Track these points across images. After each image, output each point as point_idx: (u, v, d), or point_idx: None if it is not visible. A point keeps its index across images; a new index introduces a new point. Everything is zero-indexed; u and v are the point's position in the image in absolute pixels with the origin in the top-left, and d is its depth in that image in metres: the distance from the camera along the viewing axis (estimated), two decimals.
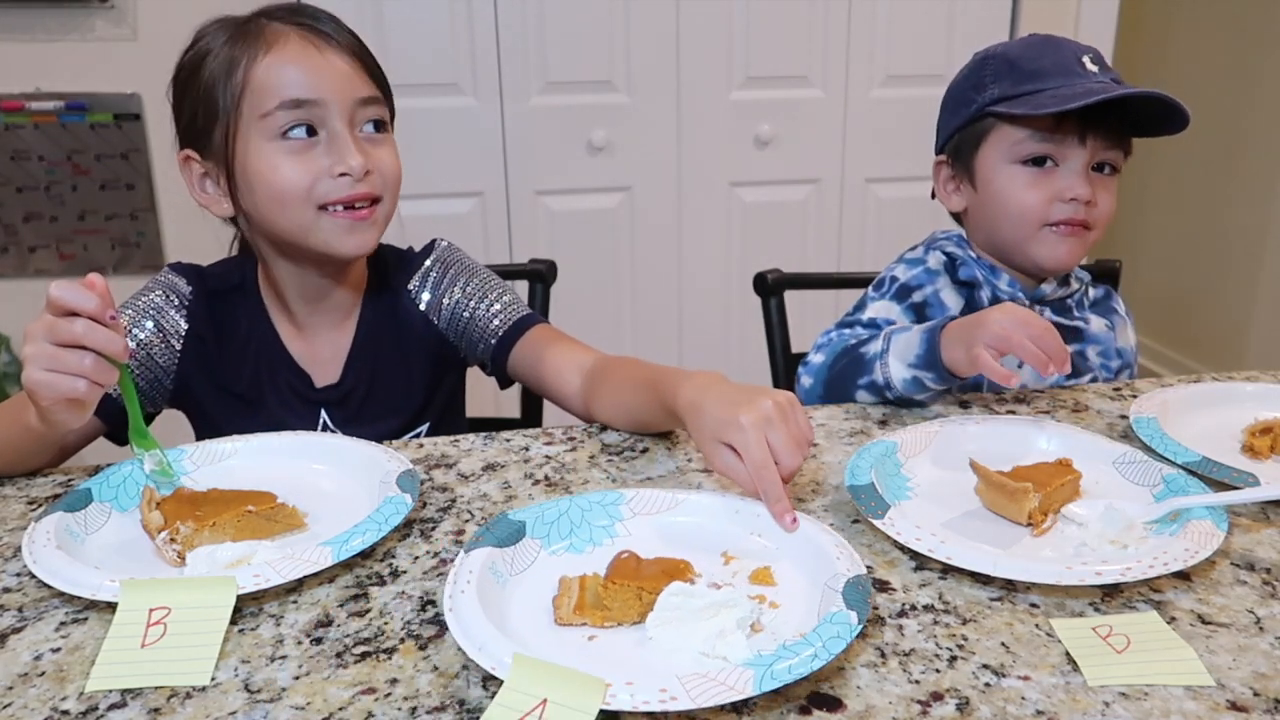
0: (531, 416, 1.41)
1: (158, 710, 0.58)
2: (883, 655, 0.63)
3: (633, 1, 2.26)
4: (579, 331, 1.12)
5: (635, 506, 0.78)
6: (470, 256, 1.16)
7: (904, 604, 0.68)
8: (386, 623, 0.67)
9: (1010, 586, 0.70)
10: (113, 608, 0.65)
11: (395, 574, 0.73)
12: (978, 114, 1.13)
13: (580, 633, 0.65)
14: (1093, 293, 1.25)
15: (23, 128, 2.09)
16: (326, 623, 0.67)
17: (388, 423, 1.10)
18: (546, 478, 0.89)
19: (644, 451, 0.94)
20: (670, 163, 2.39)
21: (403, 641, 0.65)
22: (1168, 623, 0.66)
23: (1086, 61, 1.09)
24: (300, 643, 0.64)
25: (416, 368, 1.12)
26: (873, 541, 0.77)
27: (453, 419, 1.18)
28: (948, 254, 1.20)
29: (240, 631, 0.66)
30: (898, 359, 1.02)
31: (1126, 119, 1.09)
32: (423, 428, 1.13)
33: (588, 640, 0.64)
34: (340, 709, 0.58)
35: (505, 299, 1.12)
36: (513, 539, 0.72)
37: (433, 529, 0.80)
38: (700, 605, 0.63)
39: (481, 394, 1.37)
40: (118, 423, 0.98)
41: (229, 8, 1.03)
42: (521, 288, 1.32)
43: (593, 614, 0.65)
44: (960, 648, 0.63)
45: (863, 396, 1.06)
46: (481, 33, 2.21)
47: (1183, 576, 0.71)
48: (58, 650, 0.64)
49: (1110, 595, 0.69)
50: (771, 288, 1.43)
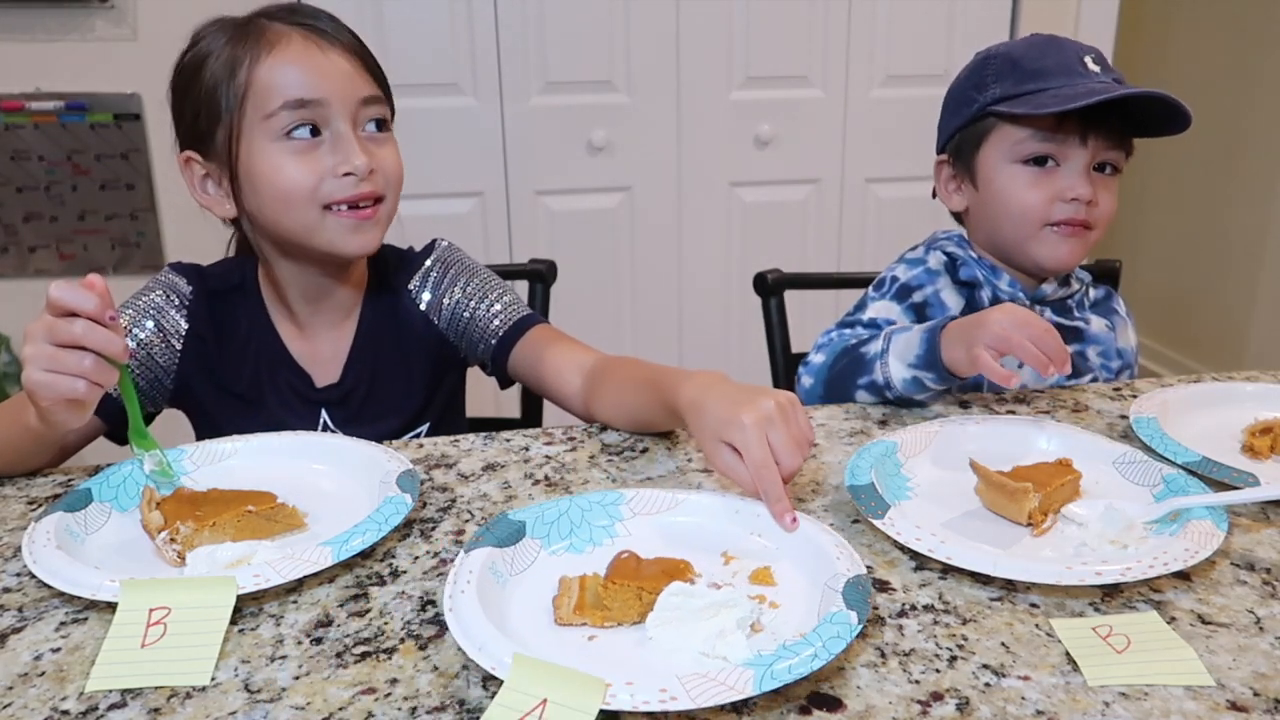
0: (531, 416, 1.41)
1: (158, 710, 0.58)
2: (883, 655, 0.63)
3: (633, 1, 2.26)
4: (579, 331, 1.12)
5: (635, 506, 0.78)
6: (470, 256, 1.16)
7: (904, 604, 0.68)
8: (386, 623, 0.67)
9: (1010, 586, 0.70)
10: (113, 608, 0.65)
11: (395, 574, 0.73)
12: (979, 113, 1.13)
13: (580, 633, 0.65)
14: (1093, 293, 1.25)
15: (23, 128, 2.09)
16: (326, 623, 0.67)
17: (388, 423, 1.10)
18: (546, 478, 0.89)
19: (644, 451, 0.94)
20: (670, 163, 2.39)
21: (403, 641, 0.65)
22: (1168, 623, 0.66)
23: (1089, 61, 1.09)
24: (300, 643, 0.64)
25: (417, 368, 1.12)
26: (873, 541, 0.77)
27: (453, 419, 1.18)
28: (948, 254, 1.20)
29: (240, 631, 0.66)
30: (898, 359, 1.02)
31: (1128, 119, 1.09)
32: (423, 428, 1.13)
33: (588, 640, 0.64)
34: (340, 709, 0.58)
35: (506, 299, 1.12)
36: (513, 539, 0.72)
37: (433, 529, 0.80)
38: (700, 605, 0.63)
39: (481, 394, 1.37)
40: (118, 422, 0.98)
41: (229, 8, 1.03)
42: (521, 288, 1.32)
43: (593, 614, 0.65)
44: (960, 648, 0.63)
45: (862, 396, 1.06)
46: (481, 33, 2.21)
47: (1183, 576, 0.71)
48: (58, 650, 0.64)
49: (1110, 595, 0.69)
50: (771, 288, 1.43)
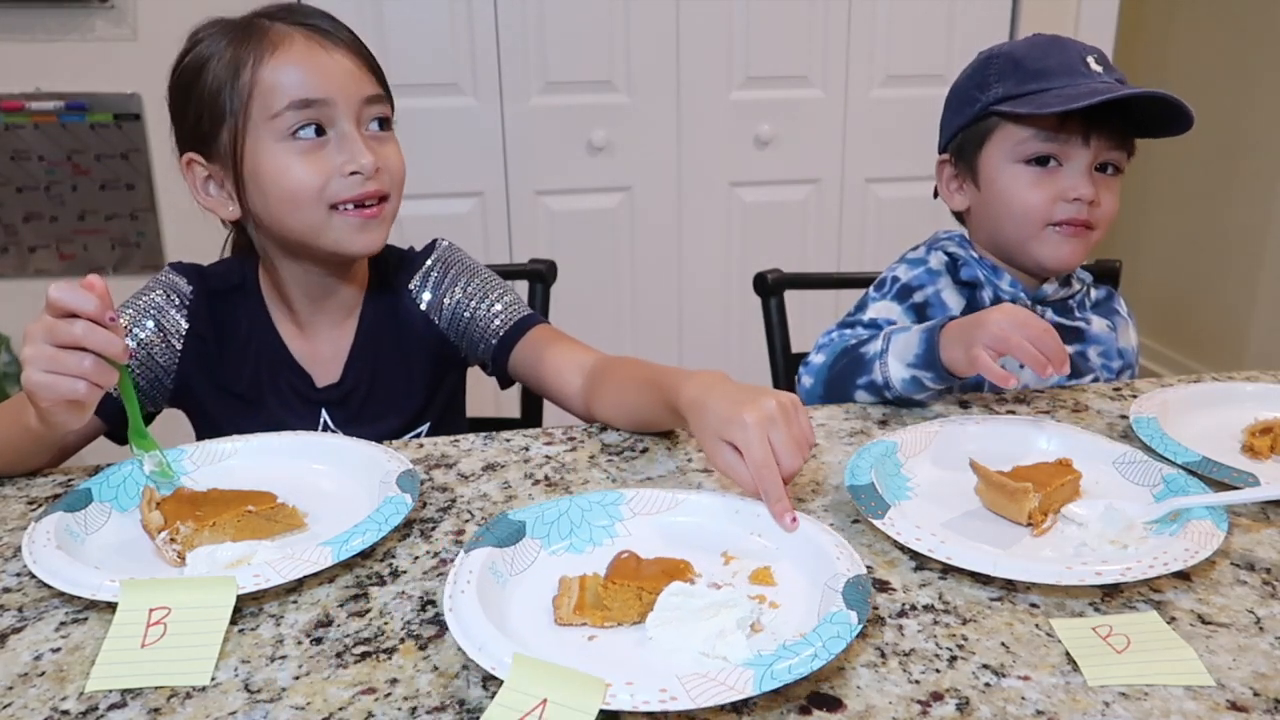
0: (531, 416, 1.41)
1: (158, 710, 0.58)
2: (883, 655, 0.63)
3: (633, 1, 2.25)
4: (579, 331, 1.12)
5: (635, 506, 0.78)
6: (471, 256, 1.16)
7: (904, 604, 0.68)
8: (386, 623, 0.67)
9: (1010, 586, 0.70)
10: (113, 608, 0.65)
11: (395, 574, 0.73)
12: (981, 113, 1.13)
13: (580, 633, 0.65)
14: (1094, 293, 1.25)
15: (23, 128, 2.09)
16: (326, 623, 0.67)
17: (388, 423, 1.10)
18: (546, 478, 0.89)
19: (644, 451, 0.94)
20: (670, 163, 2.39)
21: (403, 641, 0.65)
22: (1168, 623, 0.66)
23: (1091, 62, 1.09)
24: (300, 643, 0.64)
25: (417, 368, 1.12)
26: (873, 541, 0.77)
27: (453, 419, 1.18)
28: (949, 254, 1.20)
29: (240, 631, 0.66)
30: (897, 359, 1.02)
31: (1130, 120, 1.09)
32: (423, 428, 1.13)
33: (588, 640, 0.64)
34: (340, 709, 0.58)
35: (506, 299, 1.12)
36: (513, 539, 0.72)
37: (433, 529, 0.80)
38: (700, 605, 0.63)
39: (481, 394, 1.37)
40: (118, 422, 0.98)
41: (229, 8, 1.03)
42: (521, 288, 1.32)
43: (593, 614, 0.65)
44: (960, 648, 0.63)
45: (862, 396, 1.06)
46: (481, 33, 2.21)
47: (1183, 576, 0.71)
48: (58, 650, 0.64)
49: (1110, 595, 0.69)
50: (771, 288, 1.43)
